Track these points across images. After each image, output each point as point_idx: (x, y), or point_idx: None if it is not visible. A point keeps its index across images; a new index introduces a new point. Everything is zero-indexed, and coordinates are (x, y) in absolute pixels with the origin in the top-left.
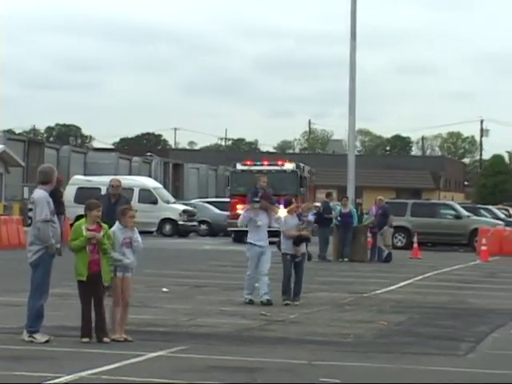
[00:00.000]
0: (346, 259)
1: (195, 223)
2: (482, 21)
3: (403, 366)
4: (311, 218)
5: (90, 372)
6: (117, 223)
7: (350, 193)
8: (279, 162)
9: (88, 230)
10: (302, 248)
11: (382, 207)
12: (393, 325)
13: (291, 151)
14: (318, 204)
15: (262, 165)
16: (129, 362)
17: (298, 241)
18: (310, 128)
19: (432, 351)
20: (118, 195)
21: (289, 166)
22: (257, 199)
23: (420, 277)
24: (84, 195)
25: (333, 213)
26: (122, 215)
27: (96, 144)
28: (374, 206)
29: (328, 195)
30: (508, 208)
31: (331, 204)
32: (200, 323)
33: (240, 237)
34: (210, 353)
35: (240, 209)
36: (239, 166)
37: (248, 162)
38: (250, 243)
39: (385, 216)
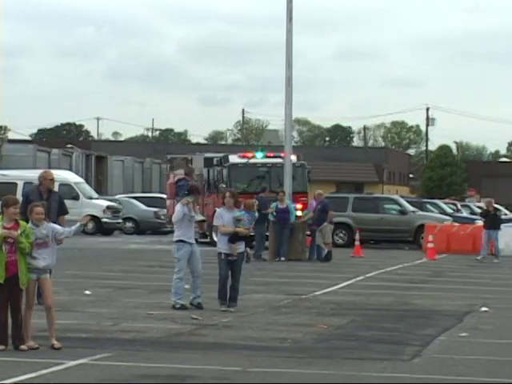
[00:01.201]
0: (282, 258)
1: (120, 220)
2: (426, 3)
3: (345, 372)
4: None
5: (4, 382)
6: (30, 222)
7: (287, 187)
8: (283, 154)
9: (4, 228)
10: (239, 247)
11: (321, 202)
12: (333, 328)
13: (223, 142)
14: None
15: (265, 157)
16: (48, 371)
17: (233, 238)
18: (243, 117)
19: (375, 356)
20: (50, 190)
21: (294, 158)
22: (187, 192)
23: (362, 277)
24: None
25: (269, 208)
26: (30, 212)
27: (12, 135)
28: (313, 200)
29: (263, 190)
30: (456, 202)
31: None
32: (126, 328)
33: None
34: (137, 360)
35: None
36: (236, 159)
37: (246, 155)
38: (182, 241)
39: (324, 212)
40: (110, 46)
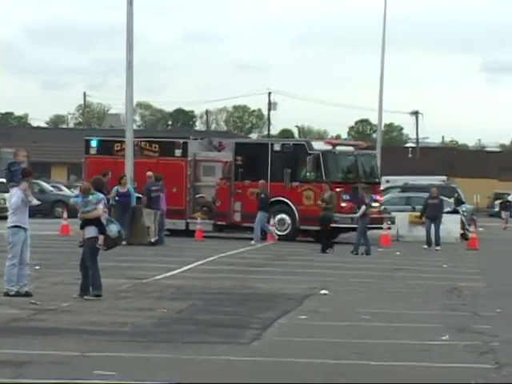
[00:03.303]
0: (123, 242)
1: None
2: None
3: (184, 355)
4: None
5: None
6: None
7: (128, 171)
8: (360, 143)
9: None
10: (87, 232)
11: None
12: (173, 312)
13: (65, 126)
14: None
15: (348, 145)
16: None
17: (82, 224)
18: (85, 101)
19: (215, 340)
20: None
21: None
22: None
23: (203, 261)
24: None
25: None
26: None
27: None
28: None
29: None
30: None
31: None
32: None
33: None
34: None
35: (346, 200)
36: (324, 146)
37: (332, 142)
38: (18, 226)
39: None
40: None
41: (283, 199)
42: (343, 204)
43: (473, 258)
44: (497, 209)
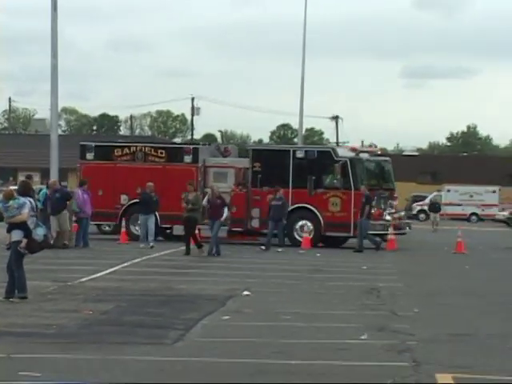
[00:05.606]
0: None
1: None
2: None
3: (108, 356)
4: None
5: None
6: None
7: (53, 175)
8: (375, 149)
9: None
10: (12, 236)
11: (60, 190)
12: (98, 314)
13: None
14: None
15: (367, 152)
16: None
17: (8, 228)
18: (10, 106)
19: (139, 340)
20: None
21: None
22: None
23: (128, 263)
24: None
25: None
26: None
27: None
28: (79, 189)
29: (28, 178)
30: None
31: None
32: None
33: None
34: None
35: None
36: (349, 153)
37: (354, 148)
38: None
39: (64, 199)
40: None
41: (306, 206)
42: (371, 211)
43: (392, 260)
44: (415, 211)
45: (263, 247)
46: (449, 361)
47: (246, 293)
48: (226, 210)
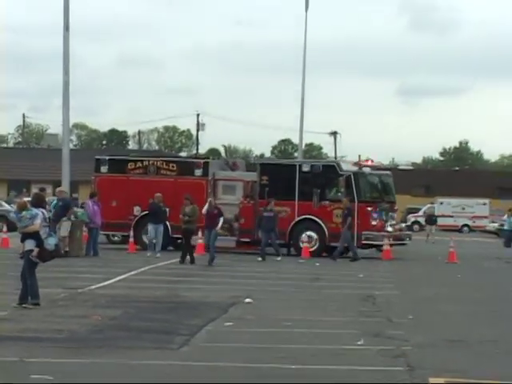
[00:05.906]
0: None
1: None
2: (204, 15)
3: (117, 360)
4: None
5: None
6: None
7: (65, 187)
8: (378, 164)
9: None
10: (26, 245)
11: (63, 199)
12: (107, 319)
13: (5, 145)
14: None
15: (370, 166)
16: None
17: (22, 237)
18: (24, 121)
19: (146, 345)
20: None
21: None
22: None
23: (136, 271)
24: None
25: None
26: None
27: None
28: (90, 200)
29: (42, 190)
30: None
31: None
32: None
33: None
34: None
35: (376, 218)
36: (352, 167)
37: (361, 163)
38: None
39: (65, 208)
40: None
41: (311, 217)
42: (374, 222)
43: (387, 269)
44: (409, 223)
45: (260, 259)
46: (442, 365)
47: (247, 300)
48: (221, 219)
